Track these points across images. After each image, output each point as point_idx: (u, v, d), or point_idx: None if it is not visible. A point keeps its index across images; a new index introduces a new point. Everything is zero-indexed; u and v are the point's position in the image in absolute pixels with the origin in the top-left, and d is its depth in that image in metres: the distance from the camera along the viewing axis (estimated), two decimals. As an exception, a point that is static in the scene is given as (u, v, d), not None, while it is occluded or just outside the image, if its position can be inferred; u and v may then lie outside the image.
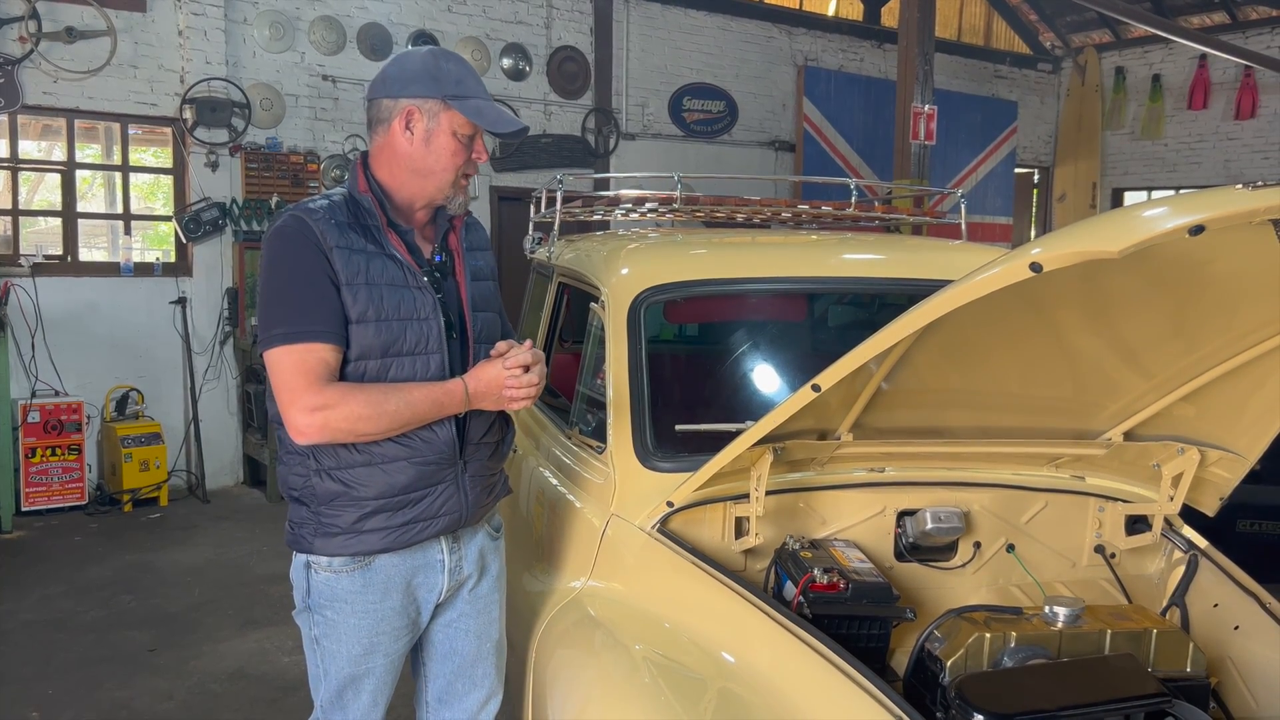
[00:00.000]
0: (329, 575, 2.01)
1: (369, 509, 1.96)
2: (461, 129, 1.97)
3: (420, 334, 1.96)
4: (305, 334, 1.87)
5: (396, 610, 2.05)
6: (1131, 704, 1.78)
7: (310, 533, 2.00)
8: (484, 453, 2.10)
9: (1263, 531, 4.16)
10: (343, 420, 1.86)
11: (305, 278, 1.90)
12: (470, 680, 2.20)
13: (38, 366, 6.48)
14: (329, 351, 1.89)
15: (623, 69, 9.16)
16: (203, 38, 6.94)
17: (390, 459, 1.94)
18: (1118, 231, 1.32)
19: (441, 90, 1.96)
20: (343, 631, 2.03)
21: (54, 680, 4.05)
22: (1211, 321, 1.85)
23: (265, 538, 6.01)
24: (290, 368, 1.87)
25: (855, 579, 2.09)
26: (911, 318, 1.63)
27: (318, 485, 1.97)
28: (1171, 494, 2.31)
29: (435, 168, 1.98)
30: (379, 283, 1.94)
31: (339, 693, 2.07)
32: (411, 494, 1.98)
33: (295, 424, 1.87)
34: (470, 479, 2.07)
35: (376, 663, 2.06)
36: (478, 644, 2.20)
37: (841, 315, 3.36)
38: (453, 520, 2.05)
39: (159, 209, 8.78)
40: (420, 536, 2.01)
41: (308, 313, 1.88)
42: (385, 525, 1.97)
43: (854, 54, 10.69)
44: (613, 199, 3.84)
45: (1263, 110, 10.67)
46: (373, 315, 1.92)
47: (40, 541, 5.89)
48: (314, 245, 1.91)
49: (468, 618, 2.18)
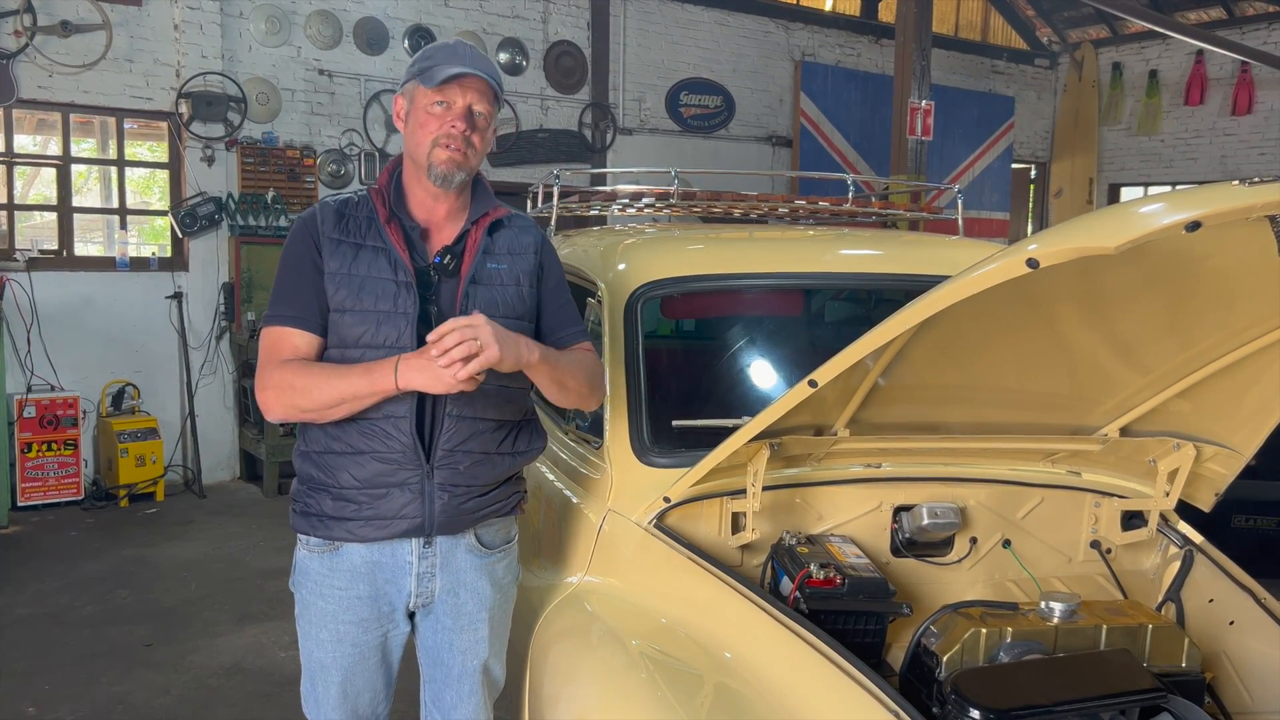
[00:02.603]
0: (306, 553, 2.09)
1: (336, 496, 2.00)
2: (429, 99, 1.96)
3: (394, 329, 1.94)
4: (279, 318, 1.98)
5: (363, 599, 2.05)
6: (1127, 699, 1.78)
7: (299, 510, 2.07)
8: (462, 461, 2.01)
9: (1259, 527, 4.17)
10: (285, 395, 1.92)
11: (291, 267, 2.00)
12: (458, 694, 2.16)
13: (33, 361, 6.46)
14: (297, 336, 1.96)
15: (620, 64, 9.14)
16: (198, 32, 6.92)
17: (355, 451, 1.97)
18: (1114, 228, 1.32)
19: (413, 70, 1.99)
20: (314, 613, 2.08)
21: (50, 675, 4.04)
22: (1208, 317, 1.85)
23: (262, 532, 6.01)
24: (264, 348, 1.99)
25: (851, 574, 2.09)
26: (908, 313, 1.63)
27: (300, 467, 2.06)
28: (1167, 489, 2.31)
29: (416, 141, 1.98)
30: (362, 275, 1.95)
31: (311, 681, 2.11)
32: (372, 489, 1.98)
33: (259, 400, 1.98)
34: (439, 486, 1.99)
35: (344, 652, 2.06)
36: (462, 660, 2.14)
37: (838, 311, 3.36)
38: (412, 525, 2.00)
39: (155, 204, 8.76)
40: (379, 535, 2.00)
41: (283, 300, 1.99)
42: (352, 516, 1.99)
43: (851, 49, 10.68)
44: (609, 194, 3.83)
45: (1259, 106, 10.67)
46: (350, 305, 1.95)
47: (36, 536, 5.88)
48: (308, 236, 1.99)
49: (451, 632, 2.12)
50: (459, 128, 1.95)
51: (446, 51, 1.98)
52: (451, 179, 1.97)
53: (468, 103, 1.96)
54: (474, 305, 1.97)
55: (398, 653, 2.14)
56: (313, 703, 2.13)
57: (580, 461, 2.58)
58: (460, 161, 1.96)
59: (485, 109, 1.98)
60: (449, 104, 1.95)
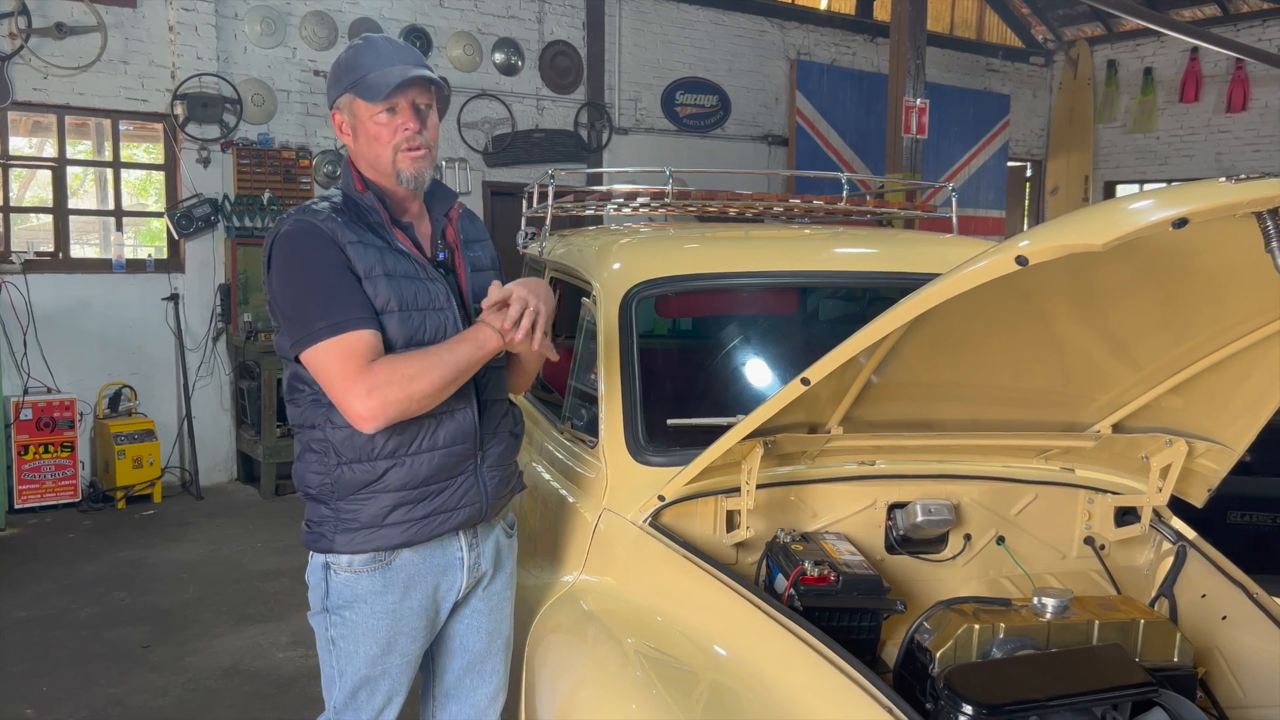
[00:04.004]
0: (349, 575, 1.99)
1: (390, 502, 1.94)
2: (372, 110, 1.93)
3: (439, 323, 1.96)
4: (348, 323, 1.85)
5: (416, 611, 2.04)
6: (1119, 694, 1.79)
7: (330, 530, 1.97)
8: (500, 443, 2.10)
9: (1253, 522, 4.18)
10: (398, 389, 1.82)
11: (331, 271, 1.88)
12: (479, 675, 2.20)
13: (30, 363, 6.46)
14: (370, 336, 1.86)
15: (615, 63, 9.14)
16: (193, 33, 6.92)
17: (412, 450, 1.94)
18: (1102, 225, 1.33)
19: (345, 83, 1.96)
20: (361, 633, 2.01)
21: (48, 677, 4.05)
22: (1199, 313, 1.86)
23: (259, 534, 6.01)
24: (338, 358, 1.84)
25: (846, 571, 2.10)
26: (900, 311, 1.64)
27: (342, 476, 1.94)
28: (1160, 485, 2.32)
29: (374, 154, 1.96)
30: (396, 275, 1.94)
31: (353, 693, 2.05)
32: (432, 485, 1.98)
33: (356, 411, 1.83)
34: (489, 470, 2.07)
35: (393, 663, 2.04)
36: (488, 640, 2.19)
37: (833, 309, 3.37)
38: (473, 512, 2.04)
39: (151, 205, 8.76)
40: (441, 529, 2.01)
41: (343, 303, 1.86)
42: (406, 518, 1.96)
43: (846, 48, 10.69)
44: (605, 194, 3.84)
45: (1254, 103, 10.69)
46: (395, 306, 1.91)
47: (33, 539, 5.88)
48: (329, 241, 1.90)
49: (480, 614, 2.17)
50: (412, 128, 1.94)
51: (371, 54, 1.95)
52: (424, 179, 2.00)
53: (411, 100, 1.95)
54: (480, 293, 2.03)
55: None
56: (352, 713, 2.07)
57: (575, 460, 2.59)
58: (426, 158, 1.98)
59: (427, 99, 1.98)
60: (394, 108, 1.94)
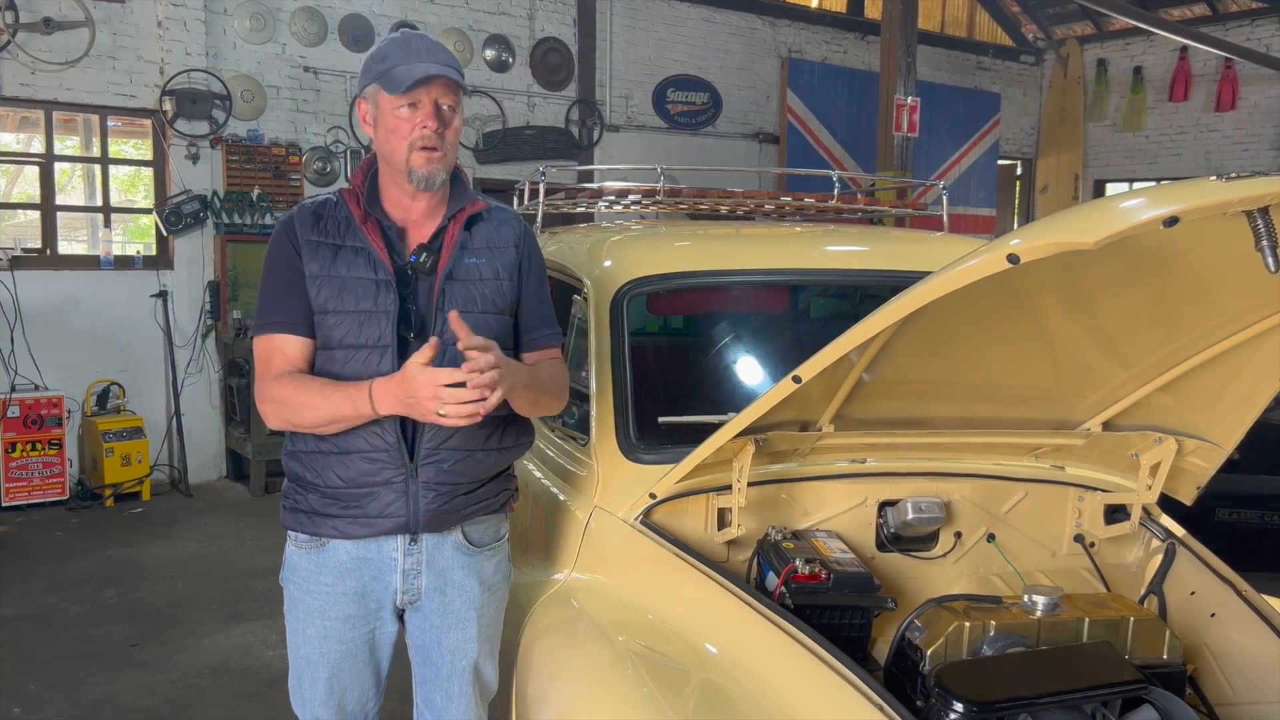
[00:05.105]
0: (294, 549, 2.10)
1: (323, 494, 2.01)
2: (395, 103, 1.93)
3: (376, 328, 1.94)
4: (268, 325, 2.00)
5: (349, 596, 2.05)
6: (1109, 691, 1.80)
7: (288, 506, 2.08)
8: (446, 459, 1.99)
9: (1241, 520, 4.21)
10: (286, 411, 1.95)
11: (274, 273, 2.01)
12: (448, 695, 2.15)
13: (17, 361, 6.42)
14: (287, 342, 1.98)
15: (607, 60, 9.13)
16: (182, 29, 6.88)
17: (341, 451, 1.97)
18: (1093, 223, 1.33)
19: (372, 74, 1.97)
20: (301, 608, 2.08)
21: (36, 676, 4.03)
22: (1189, 311, 1.87)
23: (248, 532, 5.99)
24: (261, 356, 2.01)
25: (837, 569, 2.10)
26: (891, 309, 1.64)
27: (289, 466, 2.08)
28: (1149, 483, 2.33)
29: (390, 147, 1.96)
30: (342, 275, 1.96)
31: (298, 678, 2.12)
32: (357, 488, 1.98)
33: (260, 408, 2.01)
34: (423, 485, 1.98)
35: (331, 649, 2.06)
36: (451, 660, 2.13)
37: (824, 307, 3.37)
38: (398, 524, 2.00)
39: (139, 202, 8.72)
40: (364, 532, 2.01)
41: (270, 307, 2.00)
42: (339, 513, 2.01)
43: (838, 46, 10.70)
44: (596, 191, 3.83)
45: (1243, 102, 10.74)
46: (332, 307, 1.95)
47: (21, 537, 5.85)
48: (288, 240, 2.00)
49: (440, 630, 2.11)
50: (431, 126, 1.93)
51: (401, 48, 1.95)
52: (434, 180, 1.97)
53: (434, 99, 1.94)
54: (450, 302, 1.97)
55: (386, 651, 2.13)
56: (299, 698, 2.14)
57: (567, 459, 2.58)
58: (440, 160, 1.95)
59: (451, 101, 1.97)
60: (416, 104, 1.93)
